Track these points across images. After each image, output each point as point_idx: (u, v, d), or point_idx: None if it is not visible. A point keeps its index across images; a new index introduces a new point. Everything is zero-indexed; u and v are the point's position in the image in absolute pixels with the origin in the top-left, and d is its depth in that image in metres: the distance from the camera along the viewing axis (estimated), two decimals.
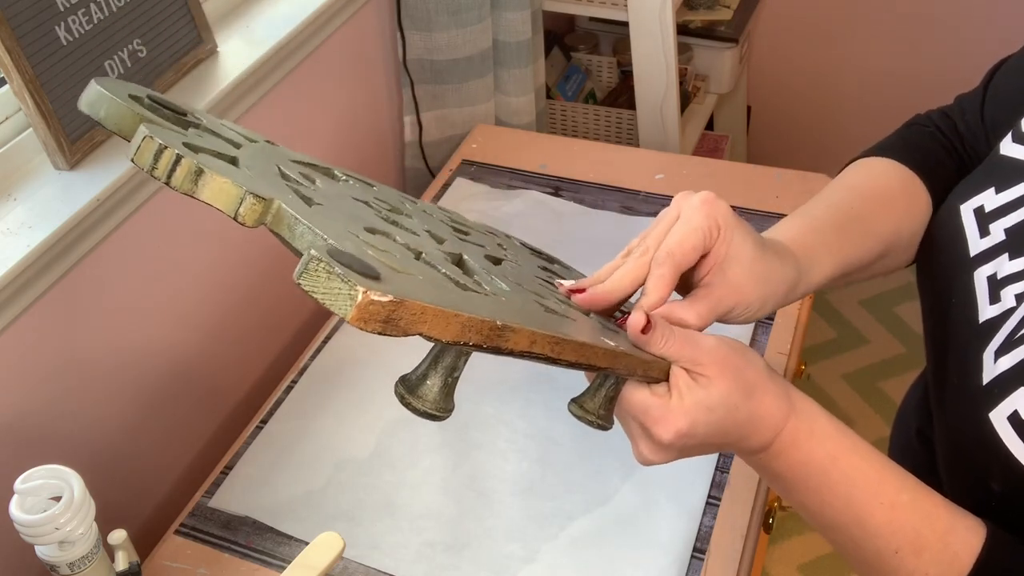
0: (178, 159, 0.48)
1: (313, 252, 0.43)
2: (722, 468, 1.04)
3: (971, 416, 0.59)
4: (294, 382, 1.17)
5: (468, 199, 1.43)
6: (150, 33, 1.05)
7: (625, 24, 1.64)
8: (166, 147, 0.48)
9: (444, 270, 0.55)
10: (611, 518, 0.99)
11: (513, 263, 0.68)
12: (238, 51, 1.16)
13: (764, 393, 0.59)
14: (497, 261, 0.66)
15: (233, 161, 0.57)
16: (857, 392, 2.02)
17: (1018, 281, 0.61)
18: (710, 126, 2.21)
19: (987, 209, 0.65)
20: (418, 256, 0.56)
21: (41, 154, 0.98)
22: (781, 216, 1.35)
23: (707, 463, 1.04)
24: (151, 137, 0.48)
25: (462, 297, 0.52)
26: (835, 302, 2.24)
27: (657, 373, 0.60)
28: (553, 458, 1.06)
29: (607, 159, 1.49)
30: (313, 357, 1.20)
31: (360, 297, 0.44)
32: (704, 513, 0.99)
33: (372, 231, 0.55)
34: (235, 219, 0.49)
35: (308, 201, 0.55)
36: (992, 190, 0.65)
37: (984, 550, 0.56)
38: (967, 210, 0.66)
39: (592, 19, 2.02)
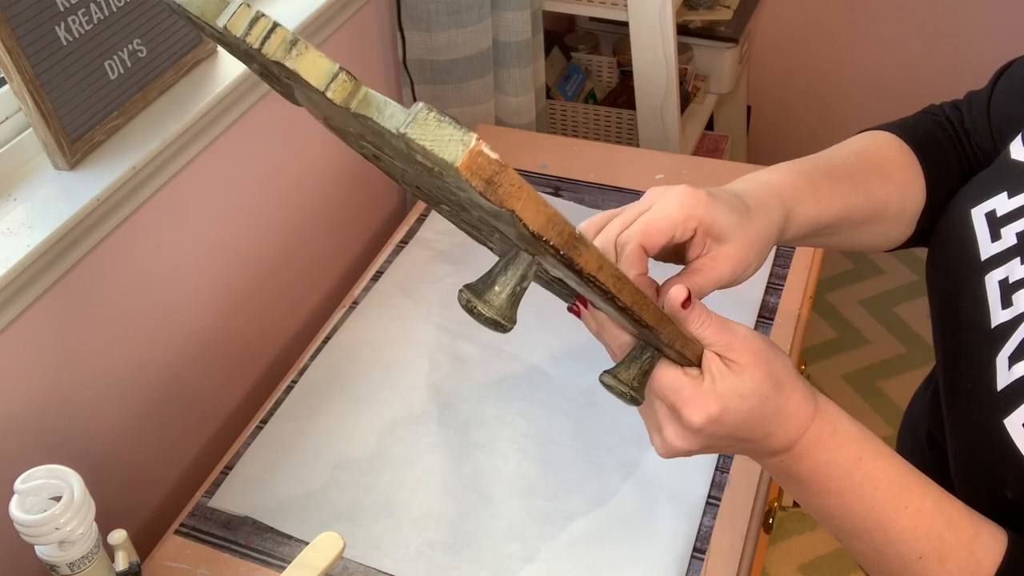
0: (274, 27, 0.48)
1: (422, 104, 0.43)
2: (722, 468, 1.04)
3: (986, 422, 0.59)
4: (294, 382, 1.17)
5: None
6: (150, 33, 1.05)
7: (625, 24, 1.64)
8: (262, 15, 0.48)
9: None
10: (611, 518, 0.99)
11: None
12: None
13: (793, 389, 0.59)
14: None
15: None
16: (857, 392, 2.02)
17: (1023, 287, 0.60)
18: (710, 126, 2.21)
19: (999, 213, 0.64)
20: None
21: (41, 154, 0.98)
22: None
23: (707, 463, 1.04)
24: (247, 4, 0.48)
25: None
26: (835, 302, 2.24)
27: (691, 355, 0.59)
28: (553, 458, 1.06)
29: (607, 159, 1.49)
30: (313, 357, 1.20)
31: (473, 144, 0.43)
32: (704, 513, 0.99)
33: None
34: (324, 94, 0.47)
35: None
36: (1004, 194, 0.65)
37: (1006, 556, 0.55)
38: (978, 214, 0.66)
39: (592, 19, 2.02)
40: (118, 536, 0.88)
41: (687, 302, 0.57)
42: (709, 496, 1.01)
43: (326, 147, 1.40)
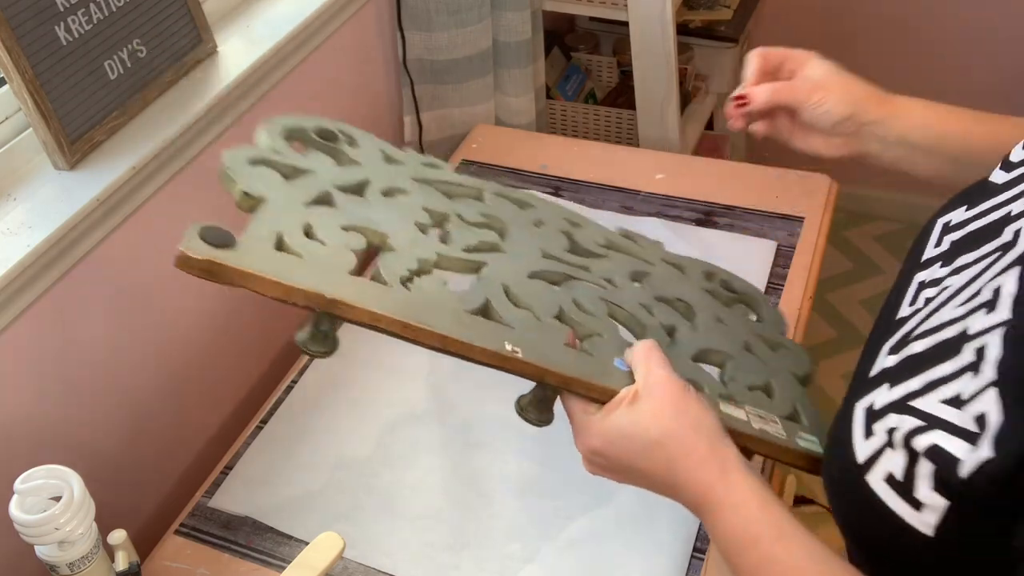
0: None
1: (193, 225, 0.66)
2: None
3: (849, 403, 0.62)
4: (294, 382, 1.17)
5: None
6: (150, 33, 1.05)
7: (625, 24, 1.64)
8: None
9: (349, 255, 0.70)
10: (611, 518, 0.99)
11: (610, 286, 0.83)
12: (238, 51, 1.16)
13: (685, 451, 0.64)
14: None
15: (299, 172, 0.77)
16: None
17: (935, 287, 0.63)
18: (710, 126, 2.21)
19: (951, 223, 0.68)
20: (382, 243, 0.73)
21: (41, 154, 0.98)
22: (781, 216, 1.35)
23: None
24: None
25: (324, 271, 0.66)
26: (835, 302, 2.24)
27: (597, 393, 0.68)
28: (553, 458, 1.06)
29: (607, 159, 1.49)
30: (313, 358, 1.20)
31: (179, 251, 0.64)
32: None
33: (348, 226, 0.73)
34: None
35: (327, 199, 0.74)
36: (964, 207, 0.68)
37: None
38: (939, 223, 0.69)
39: (592, 19, 2.02)
40: (118, 536, 0.88)
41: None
42: None
43: None
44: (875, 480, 0.56)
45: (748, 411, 0.75)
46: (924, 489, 0.53)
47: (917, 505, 0.54)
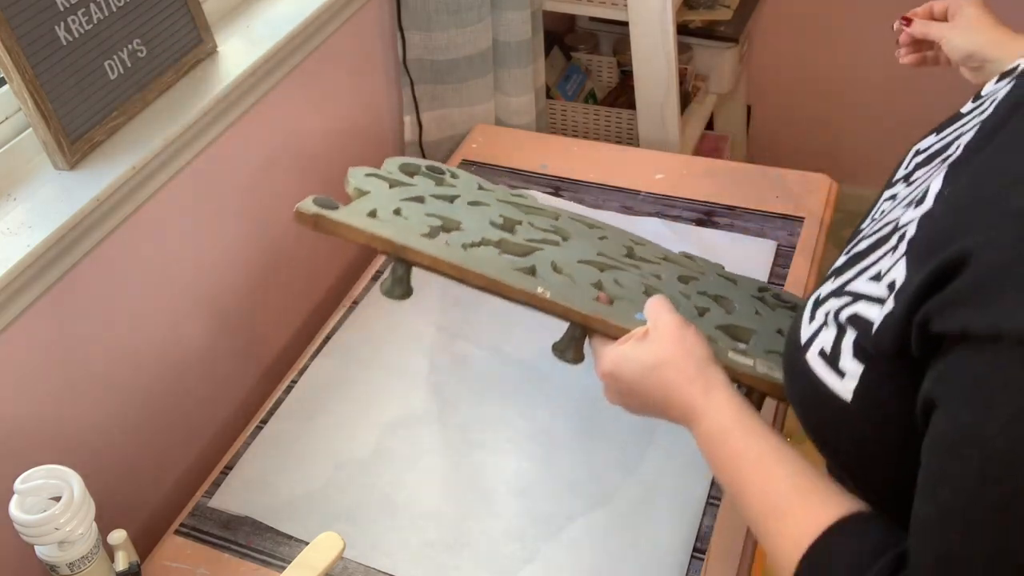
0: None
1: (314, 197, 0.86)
2: None
3: (805, 302, 0.70)
4: (294, 382, 1.17)
5: None
6: (150, 33, 1.05)
7: (625, 24, 1.64)
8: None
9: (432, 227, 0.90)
10: (611, 518, 0.99)
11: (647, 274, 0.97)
12: (238, 51, 1.16)
13: (675, 372, 0.76)
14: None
15: (403, 184, 0.97)
16: None
17: (892, 200, 0.72)
18: (710, 126, 2.21)
19: (921, 149, 0.77)
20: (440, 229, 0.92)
21: (41, 154, 0.98)
22: (781, 216, 1.35)
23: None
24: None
25: (401, 230, 0.87)
26: None
27: (607, 331, 0.83)
28: (553, 458, 1.06)
29: (607, 159, 1.49)
30: (313, 357, 1.20)
31: (296, 209, 0.85)
32: (704, 513, 0.99)
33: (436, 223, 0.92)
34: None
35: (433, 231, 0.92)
36: (934, 134, 0.76)
37: (827, 529, 0.61)
38: (912, 150, 0.78)
39: (592, 19, 2.02)
40: (118, 536, 0.88)
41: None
42: (709, 496, 1.01)
43: (327, 147, 1.40)
44: (812, 357, 0.64)
45: (757, 361, 0.86)
46: (846, 358, 0.61)
47: (841, 374, 0.61)
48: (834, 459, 0.66)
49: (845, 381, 0.61)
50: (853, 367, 0.60)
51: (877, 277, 0.61)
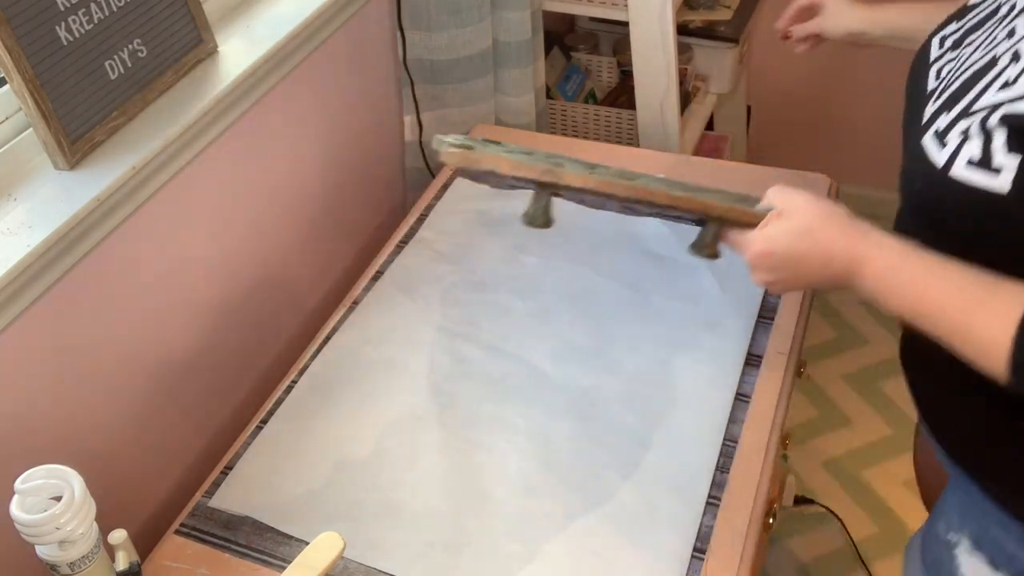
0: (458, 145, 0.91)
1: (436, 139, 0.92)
2: (722, 468, 1.04)
3: (915, 144, 0.78)
4: (294, 382, 1.17)
5: (468, 199, 1.43)
6: (150, 33, 1.05)
7: (625, 24, 1.64)
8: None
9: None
10: (611, 518, 0.99)
11: None
12: (238, 51, 1.16)
13: (830, 228, 0.81)
14: None
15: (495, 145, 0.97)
16: (857, 392, 2.01)
17: (953, 62, 0.82)
18: (710, 126, 2.21)
19: (947, 35, 0.86)
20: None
21: (41, 154, 0.98)
22: None
23: (707, 463, 1.04)
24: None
25: (532, 158, 0.92)
26: (835, 302, 2.24)
27: (749, 219, 0.88)
28: (553, 458, 1.06)
29: (607, 159, 1.49)
30: (313, 357, 1.20)
31: (445, 146, 0.90)
32: (704, 513, 0.99)
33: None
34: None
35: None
36: (954, 22, 0.86)
37: None
38: (935, 40, 0.88)
39: (592, 19, 2.02)
40: (118, 536, 0.88)
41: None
42: (709, 496, 1.01)
43: (326, 147, 1.40)
44: (958, 171, 0.72)
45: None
46: (999, 156, 0.69)
47: (996, 171, 0.69)
48: (992, 265, 0.72)
49: (1001, 176, 0.69)
50: (1008, 160, 0.68)
51: (1007, 84, 0.70)
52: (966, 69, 0.78)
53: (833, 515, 1.77)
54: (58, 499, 0.80)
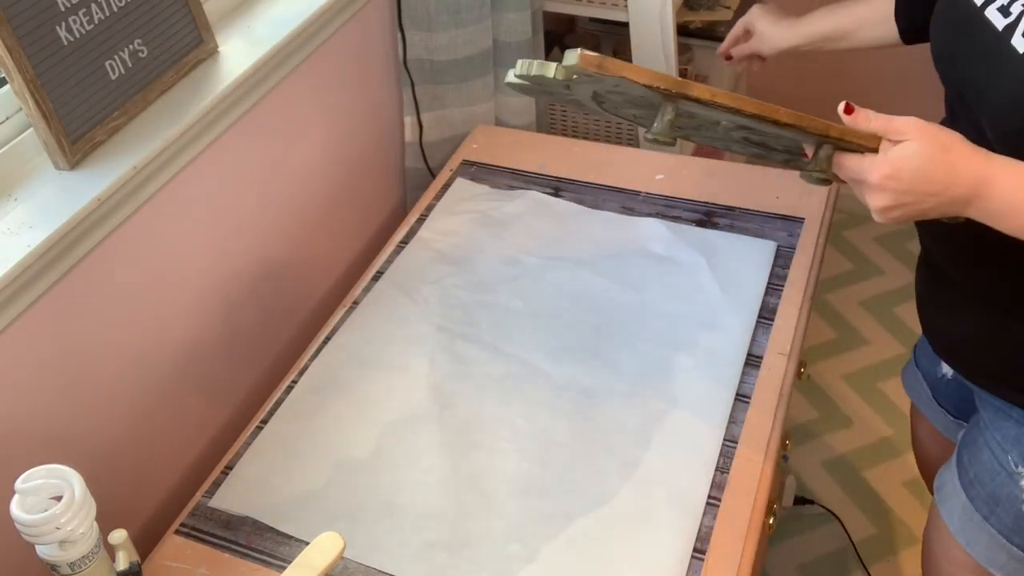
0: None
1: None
2: (722, 468, 1.04)
3: (1013, 80, 0.82)
4: (294, 382, 1.17)
5: (468, 199, 1.43)
6: (151, 33, 1.05)
7: (625, 24, 1.64)
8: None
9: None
10: (611, 518, 0.99)
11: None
12: (239, 51, 1.16)
13: (960, 150, 0.81)
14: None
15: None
16: (857, 392, 2.01)
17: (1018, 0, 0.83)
18: None
19: None
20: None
21: (41, 154, 0.98)
22: (782, 216, 1.35)
23: (707, 463, 1.04)
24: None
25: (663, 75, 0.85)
26: (835, 302, 2.24)
27: (869, 143, 0.84)
28: (553, 458, 1.06)
29: (607, 159, 1.49)
30: (313, 357, 1.20)
31: (579, 52, 0.82)
32: (704, 513, 1.00)
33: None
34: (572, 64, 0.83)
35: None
36: None
37: None
38: None
39: (592, 19, 2.02)
40: (118, 536, 0.88)
41: (849, 109, 0.84)
42: (709, 496, 1.01)
43: (326, 147, 1.40)
44: (1019, 39, 0.80)
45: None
46: None
47: None
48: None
49: None
50: None
51: None
52: None
53: (833, 515, 1.77)
54: (58, 499, 0.80)
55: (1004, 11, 0.85)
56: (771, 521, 1.11)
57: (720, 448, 1.06)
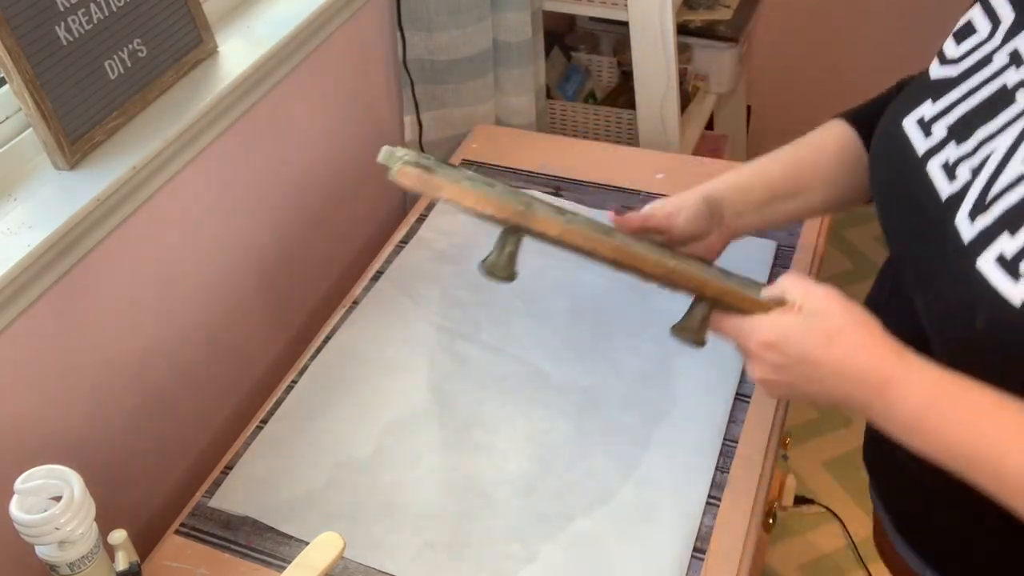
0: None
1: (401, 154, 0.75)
2: (722, 468, 1.04)
3: (960, 270, 0.65)
4: (294, 382, 1.17)
5: None
6: (150, 33, 1.05)
7: (625, 24, 1.64)
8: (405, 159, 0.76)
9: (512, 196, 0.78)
10: (611, 518, 0.99)
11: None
12: (238, 51, 1.16)
13: (867, 336, 0.68)
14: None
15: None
16: None
17: (968, 159, 0.68)
18: (710, 126, 2.21)
19: (927, 117, 0.73)
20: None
21: (41, 154, 0.98)
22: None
23: (707, 463, 1.04)
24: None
25: (499, 193, 0.75)
26: None
27: (749, 306, 0.74)
28: (553, 458, 1.06)
29: (607, 159, 1.49)
30: (313, 357, 1.20)
31: (398, 166, 0.72)
32: (704, 513, 0.99)
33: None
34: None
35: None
36: (929, 101, 0.74)
37: None
38: (909, 122, 0.75)
39: (592, 19, 2.02)
40: (118, 536, 0.88)
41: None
42: (709, 496, 1.01)
43: (326, 147, 1.40)
44: (986, 263, 0.62)
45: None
46: None
47: (1017, 278, 0.60)
48: (990, 374, 0.64)
49: (1020, 285, 0.61)
50: None
51: None
52: (1016, 180, 0.64)
53: (833, 515, 1.77)
54: (58, 499, 0.80)
55: (949, 171, 0.70)
56: (771, 521, 1.11)
57: (720, 448, 1.05)
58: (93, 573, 0.83)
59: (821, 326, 0.69)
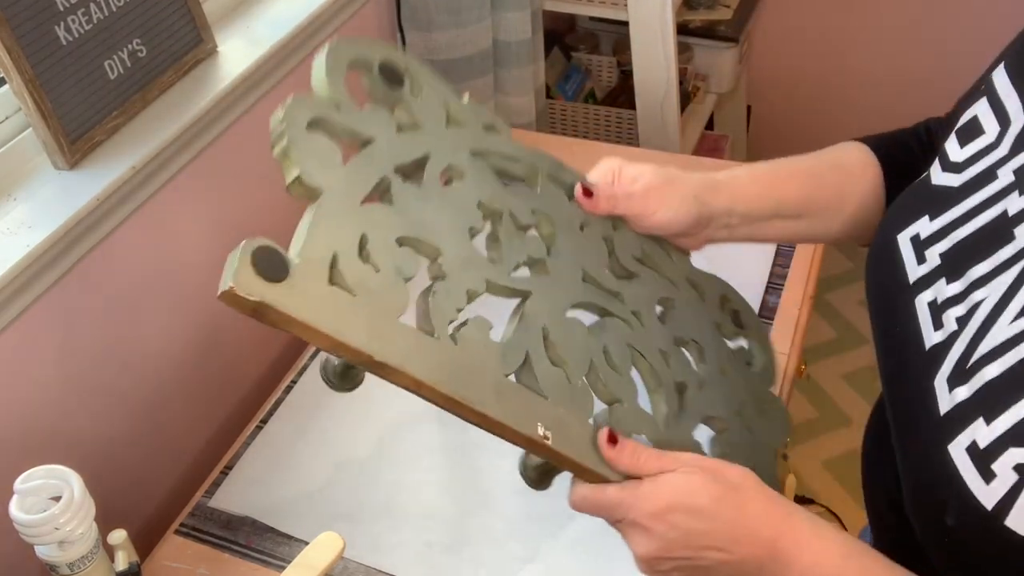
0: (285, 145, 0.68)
1: (245, 245, 0.59)
2: None
3: (931, 447, 0.59)
4: (294, 382, 1.17)
5: None
6: (150, 33, 1.05)
7: (625, 24, 1.64)
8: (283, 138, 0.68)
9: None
10: None
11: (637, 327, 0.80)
12: (238, 51, 1.16)
13: (756, 492, 0.62)
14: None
15: (359, 140, 0.71)
16: (857, 392, 2.01)
17: (956, 304, 0.62)
18: (710, 126, 2.21)
19: (922, 236, 0.67)
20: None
21: (41, 154, 0.98)
22: None
23: None
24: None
25: (375, 320, 0.67)
26: (835, 302, 2.24)
27: (608, 477, 0.67)
28: None
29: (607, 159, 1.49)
30: (313, 357, 1.20)
31: (226, 287, 0.59)
32: None
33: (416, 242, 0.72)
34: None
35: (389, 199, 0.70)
36: (926, 218, 0.68)
37: None
38: (904, 239, 0.69)
39: (592, 19, 2.02)
40: (118, 536, 0.88)
41: (612, 439, 0.65)
42: None
43: None
44: (1017, 522, 0.53)
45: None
46: None
47: None
48: None
49: (993, 487, 0.53)
50: None
51: None
52: (999, 347, 0.57)
53: (833, 515, 1.77)
54: (58, 499, 0.80)
55: (936, 314, 0.63)
56: None
57: None
58: (93, 573, 0.83)
59: (713, 487, 0.62)
